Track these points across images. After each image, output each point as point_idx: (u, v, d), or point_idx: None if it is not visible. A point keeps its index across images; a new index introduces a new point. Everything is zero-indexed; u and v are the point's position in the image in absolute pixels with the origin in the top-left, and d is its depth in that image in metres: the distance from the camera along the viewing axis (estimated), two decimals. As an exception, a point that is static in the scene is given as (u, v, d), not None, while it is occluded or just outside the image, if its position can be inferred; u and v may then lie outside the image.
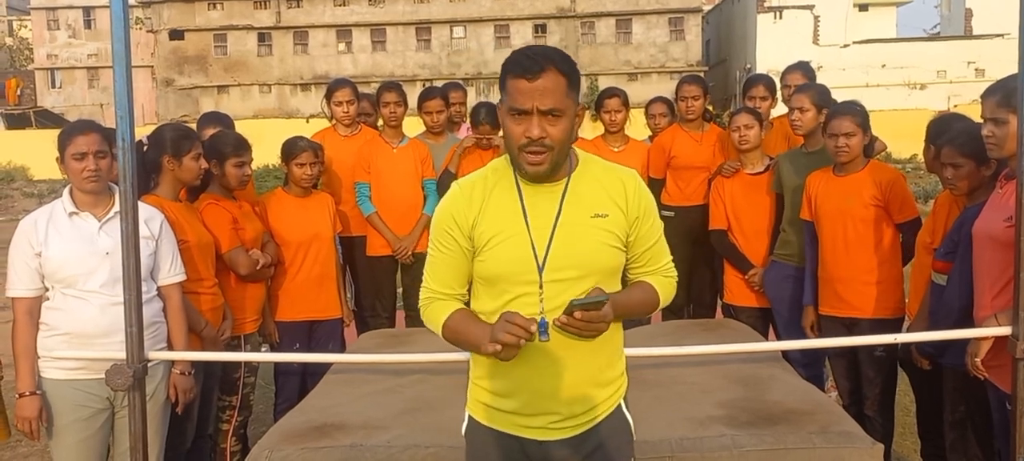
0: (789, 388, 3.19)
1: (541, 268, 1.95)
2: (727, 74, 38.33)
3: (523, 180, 1.99)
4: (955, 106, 30.01)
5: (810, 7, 35.52)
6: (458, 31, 39.47)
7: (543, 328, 1.91)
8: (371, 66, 39.17)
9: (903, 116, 24.58)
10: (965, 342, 2.89)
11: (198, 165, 3.56)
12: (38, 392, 3.01)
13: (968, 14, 36.32)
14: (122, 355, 2.63)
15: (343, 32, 39.86)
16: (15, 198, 29.35)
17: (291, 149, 4.29)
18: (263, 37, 40.11)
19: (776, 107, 5.04)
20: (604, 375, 2.07)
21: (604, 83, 34.96)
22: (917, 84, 35.16)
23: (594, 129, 5.18)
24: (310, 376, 4.06)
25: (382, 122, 5.16)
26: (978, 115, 3.00)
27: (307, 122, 27.25)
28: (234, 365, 3.81)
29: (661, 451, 2.66)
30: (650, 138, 5.48)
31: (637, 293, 2.09)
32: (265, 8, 39.97)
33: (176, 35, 40.13)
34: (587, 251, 1.97)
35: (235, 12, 39.93)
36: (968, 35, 35.97)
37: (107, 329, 3.00)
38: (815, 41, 35.15)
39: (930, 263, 3.36)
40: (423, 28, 39.49)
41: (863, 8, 37.44)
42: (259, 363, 4.25)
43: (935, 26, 41.58)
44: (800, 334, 4.07)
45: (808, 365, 4.12)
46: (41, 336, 3.04)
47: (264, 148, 4.49)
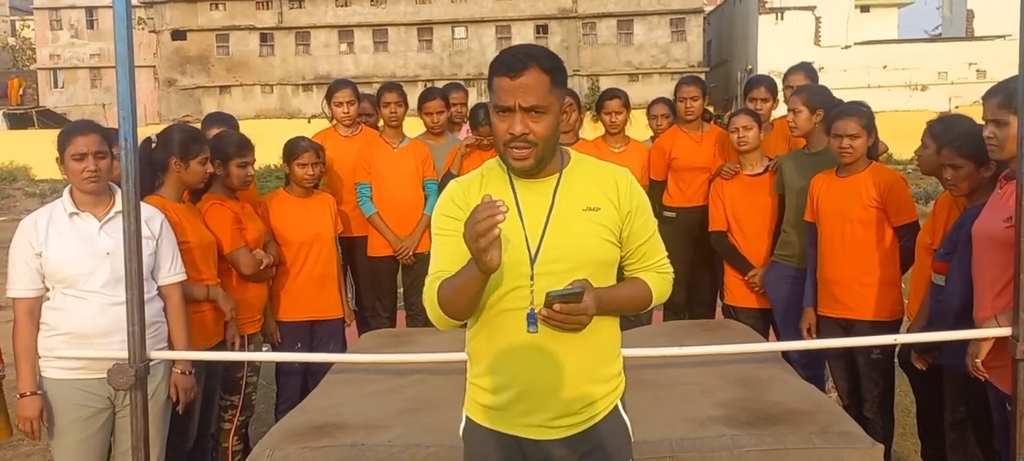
0: (789, 388, 3.19)
1: (533, 260, 1.97)
2: (728, 75, 38.30)
3: (516, 176, 2.03)
4: (956, 107, 30.00)
5: (811, 8, 35.51)
6: (460, 32, 39.48)
7: (532, 320, 1.95)
8: (373, 66, 39.19)
9: (904, 117, 24.51)
10: (965, 343, 2.90)
11: (204, 170, 3.56)
12: (39, 392, 3.02)
13: (970, 15, 36.29)
14: (122, 355, 2.64)
15: (345, 32, 39.88)
16: (17, 198, 29.38)
17: (293, 149, 4.30)
18: (265, 37, 40.14)
19: (777, 108, 5.04)
20: (600, 372, 2.08)
21: (605, 84, 35.02)
22: (918, 85, 35.13)
23: (595, 129, 5.18)
24: (311, 376, 4.07)
25: (383, 123, 5.17)
26: (980, 116, 3.00)
27: (309, 122, 27.24)
28: (237, 364, 3.82)
29: (661, 451, 2.66)
30: (652, 139, 5.48)
31: (627, 288, 2.11)
32: (267, 8, 40.01)
33: (178, 35, 40.17)
34: (579, 242, 1.99)
35: (237, 12, 39.97)
36: (970, 36, 35.94)
37: (107, 329, 3.00)
38: (816, 42, 35.13)
39: (930, 264, 3.37)
40: (425, 29, 39.50)
41: (864, 9, 37.42)
42: (261, 363, 4.25)
43: (937, 27, 41.59)
44: (801, 335, 4.07)
45: (808, 366, 4.13)
46: (42, 336, 3.04)
47: (266, 148, 4.49)
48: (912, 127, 5.97)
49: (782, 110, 4.94)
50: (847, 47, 35.03)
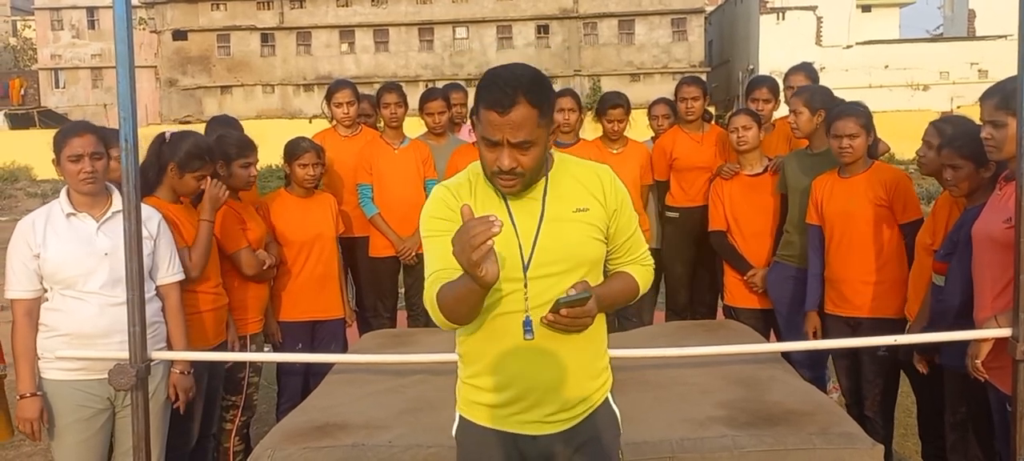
0: (789, 389, 3.20)
1: (526, 266, 1.98)
2: (730, 75, 38.30)
3: None
4: (958, 107, 29.97)
5: (813, 8, 35.50)
6: (461, 32, 39.50)
7: (528, 327, 1.96)
8: (374, 67, 39.22)
9: (906, 117, 24.51)
10: (965, 343, 2.90)
11: (198, 186, 3.55)
12: (39, 393, 3.02)
13: (971, 15, 36.28)
14: (123, 355, 2.64)
15: (346, 33, 39.91)
16: (19, 198, 29.40)
17: (294, 150, 4.30)
18: (266, 38, 40.17)
19: (779, 109, 5.04)
20: (595, 367, 2.12)
21: (607, 84, 35.08)
22: (920, 85, 35.11)
23: (594, 129, 5.18)
24: (312, 376, 4.07)
25: (383, 123, 5.17)
26: (979, 117, 3.00)
27: (310, 122, 27.25)
28: (239, 365, 3.83)
29: (661, 451, 2.66)
30: (653, 139, 5.48)
31: (617, 283, 2.16)
32: (268, 9, 40.03)
33: (179, 35, 40.21)
34: (573, 244, 2.02)
35: (238, 13, 39.99)
36: (971, 36, 35.92)
37: (107, 329, 3.01)
38: (818, 42, 35.12)
39: (930, 264, 3.37)
40: (425, 29, 39.52)
41: (866, 9, 37.42)
42: (262, 363, 4.26)
43: (938, 27, 41.55)
44: (802, 335, 4.06)
45: (810, 367, 4.13)
46: (41, 337, 3.04)
47: (267, 149, 4.47)
48: (913, 127, 5.98)
49: (784, 110, 4.94)
50: (848, 47, 35.02)
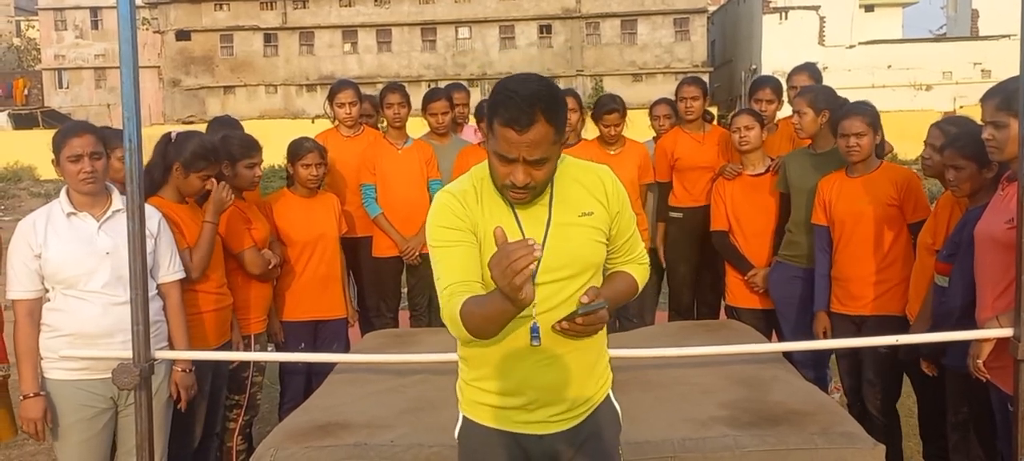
0: (791, 389, 3.20)
1: (534, 272, 1.95)
2: (732, 75, 38.27)
3: None
4: (961, 107, 29.90)
5: (816, 8, 35.45)
6: (463, 32, 39.50)
7: (535, 332, 1.98)
8: (376, 67, 39.23)
9: (909, 117, 24.44)
10: (967, 344, 2.90)
11: (202, 186, 3.55)
12: (42, 393, 3.03)
13: (974, 15, 36.20)
14: (126, 354, 2.65)
15: (349, 33, 39.93)
16: (22, 198, 29.43)
17: (297, 150, 4.31)
18: (269, 38, 40.21)
19: (782, 109, 5.04)
20: (596, 367, 2.15)
21: (609, 84, 35.09)
22: (923, 85, 35.06)
23: (594, 130, 5.17)
24: (315, 375, 4.09)
25: (386, 123, 5.18)
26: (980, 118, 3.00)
27: (313, 122, 27.26)
28: (243, 364, 3.84)
29: (663, 451, 2.67)
30: (654, 140, 5.48)
31: (619, 284, 2.19)
32: (271, 9, 40.07)
33: (183, 36, 40.25)
34: (578, 249, 2.03)
35: (241, 13, 40.03)
36: (974, 36, 35.85)
37: (109, 329, 3.01)
38: (820, 42, 35.07)
39: (931, 264, 3.37)
40: (428, 29, 39.53)
41: (869, 9, 37.35)
42: (265, 363, 4.27)
43: (941, 27, 41.49)
44: (806, 335, 4.06)
45: (812, 366, 4.13)
46: (43, 337, 3.05)
47: (270, 149, 4.47)
48: (916, 127, 5.98)
49: (787, 110, 4.93)
50: (851, 47, 34.97)
